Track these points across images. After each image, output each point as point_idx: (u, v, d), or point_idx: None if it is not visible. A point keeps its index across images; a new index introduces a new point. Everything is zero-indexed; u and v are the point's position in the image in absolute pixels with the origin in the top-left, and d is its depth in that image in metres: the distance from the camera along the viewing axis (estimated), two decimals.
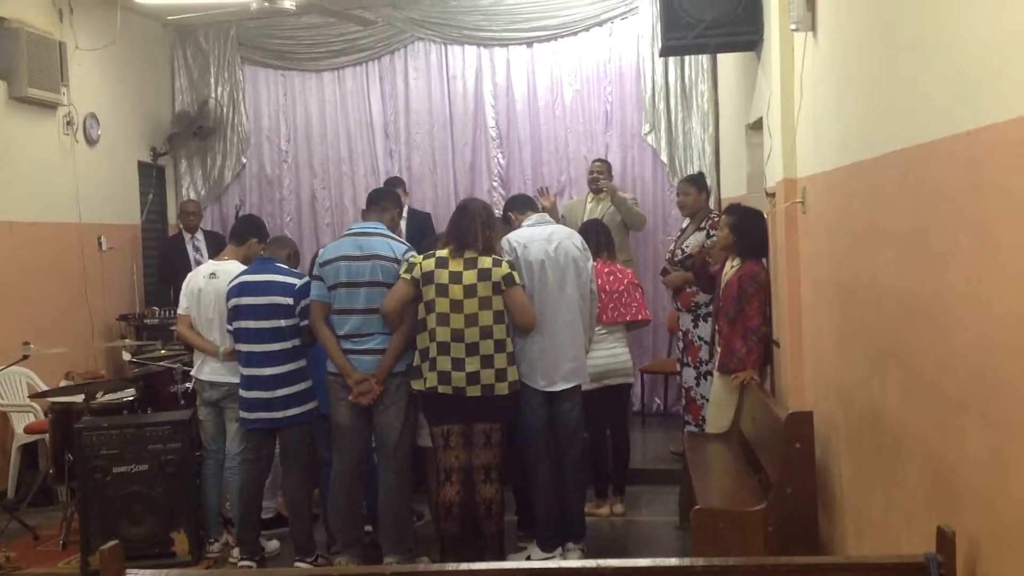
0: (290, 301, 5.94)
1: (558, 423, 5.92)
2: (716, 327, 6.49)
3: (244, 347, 5.98)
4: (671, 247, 8.00)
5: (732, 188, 8.01)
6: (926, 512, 3.26)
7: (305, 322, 5.91)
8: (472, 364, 5.51)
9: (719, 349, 6.35)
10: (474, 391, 5.51)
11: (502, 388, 5.58)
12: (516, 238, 5.92)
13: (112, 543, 2.93)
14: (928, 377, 3.22)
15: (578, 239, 6.10)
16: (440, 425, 5.64)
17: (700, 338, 7.39)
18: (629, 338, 7.21)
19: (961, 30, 2.84)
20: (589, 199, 8.82)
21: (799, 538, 4.74)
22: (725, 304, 6.17)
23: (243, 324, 5.97)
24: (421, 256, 5.62)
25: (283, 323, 5.94)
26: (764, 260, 6.15)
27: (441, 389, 5.52)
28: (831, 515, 4.86)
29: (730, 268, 6.26)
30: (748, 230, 6.17)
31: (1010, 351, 2.55)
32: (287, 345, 5.96)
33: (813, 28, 4.84)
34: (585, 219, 8.28)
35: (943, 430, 3.10)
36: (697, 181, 7.93)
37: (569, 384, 5.88)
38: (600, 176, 8.74)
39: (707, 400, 7.10)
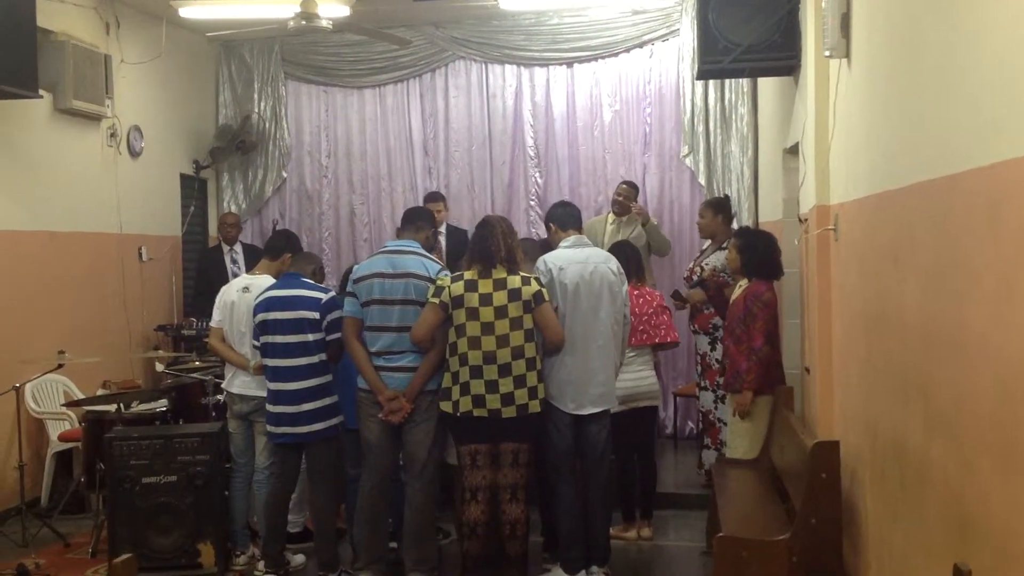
0: (316, 315, 5.98)
1: (585, 446, 5.90)
2: (724, 347, 6.51)
3: (271, 362, 6.02)
4: (690, 265, 7.98)
5: (769, 213, 7.97)
6: (945, 549, 3.22)
7: (331, 336, 5.96)
8: (506, 385, 5.52)
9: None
10: (509, 412, 5.53)
11: (535, 406, 5.60)
12: (552, 259, 5.90)
13: (125, 556, 2.94)
14: (948, 414, 3.18)
15: (614, 263, 6.06)
16: (468, 444, 5.65)
17: (717, 361, 7.35)
18: (659, 360, 7.21)
19: (980, 64, 2.82)
20: (610, 220, 8.75)
21: (823, 569, 4.70)
22: (731, 324, 6.25)
23: (270, 339, 6.01)
24: (449, 279, 5.63)
25: (310, 337, 5.97)
26: (774, 282, 6.20)
27: (476, 413, 5.53)
28: (856, 547, 4.80)
29: (738, 289, 6.30)
30: (754, 251, 6.25)
31: None
32: (313, 359, 6.00)
33: (847, 55, 4.82)
34: (606, 240, 8.26)
35: (961, 468, 3.06)
36: (714, 204, 7.91)
37: (598, 408, 5.86)
38: (626, 200, 8.67)
39: (724, 424, 7.10)
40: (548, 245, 6.34)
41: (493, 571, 5.72)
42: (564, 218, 6.27)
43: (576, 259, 5.91)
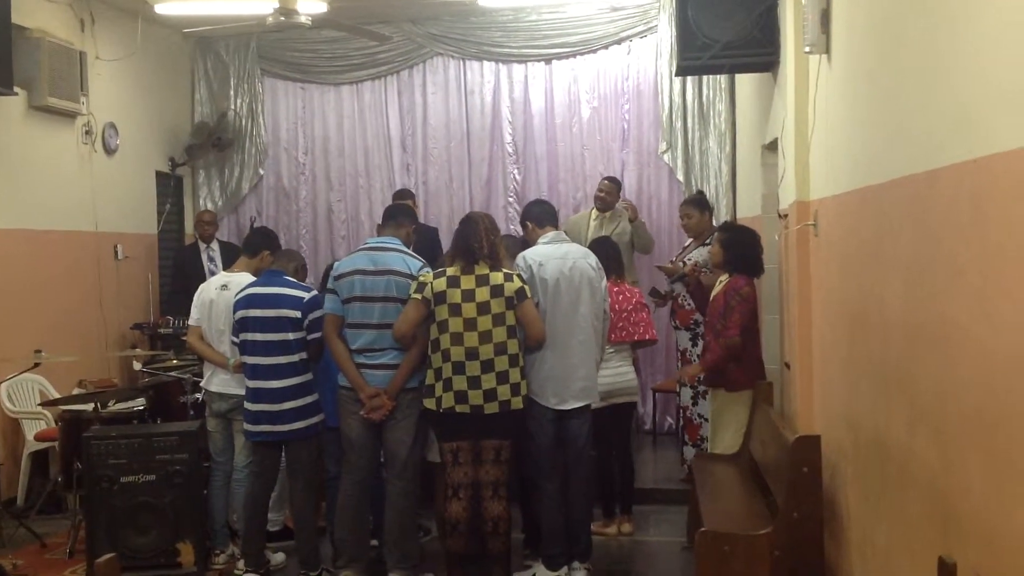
0: (298, 314, 5.94)
1: (567, 441, 5.90)
2: (705, 343, 6.55)
3: (250, 359, 5.98)
4: (672, 259, 7.99)
5: (748, 208, 7.98)
6: (929, 543, 3.23)
7: (312, 336, 5.93)
8: (488, 381, 5.51)
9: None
10: (492, 408, 5.51)
11: (517, 402, 5.59)
12: (532, 256, 5.90)
13: (108, 556, 2.91)
14: (932, 409, 3.19)
15: (593, 259, 6.07)
16: (451, 441, 5.63)
17: (698, 357, 7.36)
18: (637, 356, 7.23)
19: (961, 59, 2.82)
20: (593, 216, 8.78)
21: (805, 564, 4.71)
22: (711, 319, 6.34)
23: (250, 336, 5.97)
24: (431, 275, 5.62)
25: (290, 336, 5.93)
26: (755, 277, 6.25)
27: (459, 409, 5.51)
28: (838, 541, 4.81)
29: (719, 284, 6.32)
30: (737, 246, 6.30)
31: (1011, 386, 2.52)
32: (294, 358, 5.96)
33: (827, 51, 4.82)
34: (590, 235, 8.26)
35: (946, 462, 3.07)
36: (698, 203, 7.89)
37: (580, 403, 5.86)
38: (608, 196, 8.69)
39: (705, 420, 7.11)
40: (526, 244, 6.34)
41: (475, 568, 5.72)
42: (541, 215, 6.27)
43: (555, 255, 5.91)
